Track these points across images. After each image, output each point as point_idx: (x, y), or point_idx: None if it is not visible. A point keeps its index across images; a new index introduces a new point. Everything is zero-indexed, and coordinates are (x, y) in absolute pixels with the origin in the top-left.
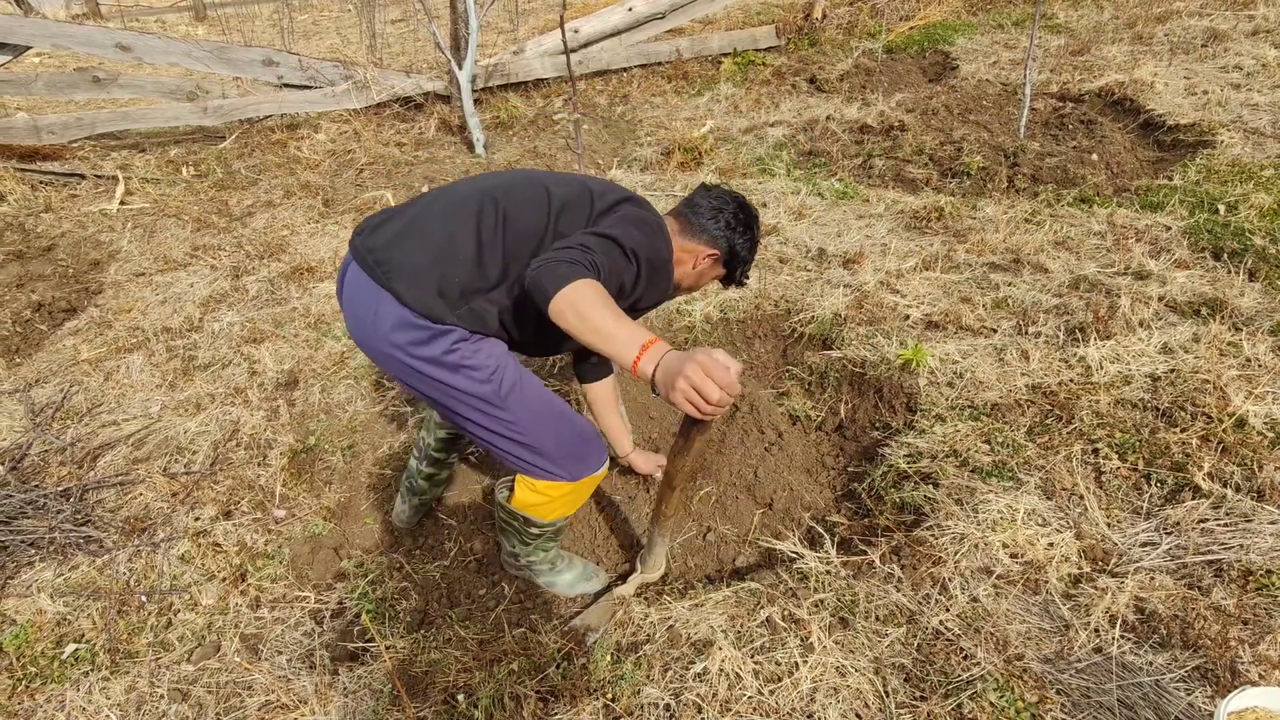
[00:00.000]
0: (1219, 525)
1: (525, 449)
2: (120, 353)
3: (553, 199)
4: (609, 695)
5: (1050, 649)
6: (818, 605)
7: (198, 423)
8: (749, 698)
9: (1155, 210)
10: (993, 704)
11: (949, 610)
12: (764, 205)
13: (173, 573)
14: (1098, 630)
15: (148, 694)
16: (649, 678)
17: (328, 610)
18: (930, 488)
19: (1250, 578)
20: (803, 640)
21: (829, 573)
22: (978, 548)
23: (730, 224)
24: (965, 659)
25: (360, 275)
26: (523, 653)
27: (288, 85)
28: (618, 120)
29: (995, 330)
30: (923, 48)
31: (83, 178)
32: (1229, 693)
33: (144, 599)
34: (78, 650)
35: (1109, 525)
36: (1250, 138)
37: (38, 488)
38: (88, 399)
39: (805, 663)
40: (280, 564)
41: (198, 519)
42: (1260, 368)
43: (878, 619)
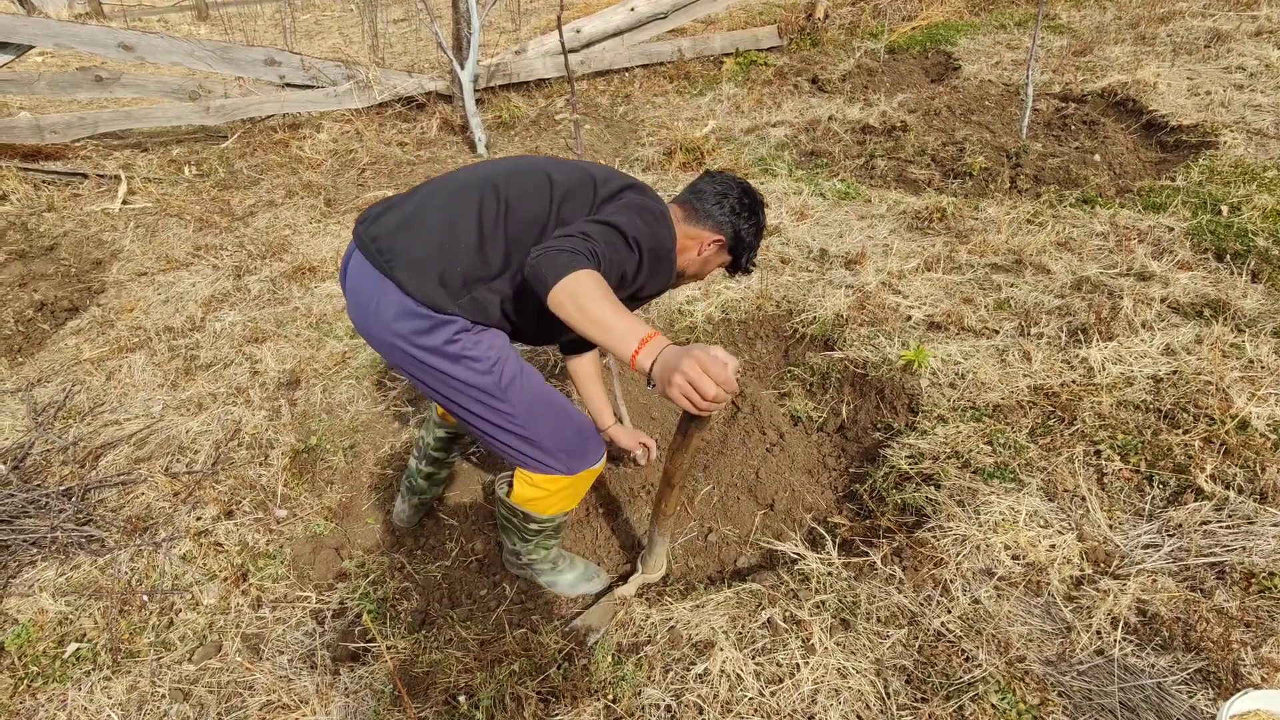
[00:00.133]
0: (1221, 527)
1: (523, 441)
2: (122, 352)
3: (555, 186)
4: (610, 696)
5: (1052, 651)
6: (819, 606)
7: (199, 422)
8: (750, 699)
9: (1158, 211)
10: (994, 706)
11: (950, 612)
12: (766, 205)
13: (174, 572)
14: (1100, 632)
15: (149, 693)
16: (650, 679)
17: (329, 610)
18: (932, 489)
19: (1253, 580)
20: (804, 641)
21: (830, 574)
22: (979, 549)
23: (735, 209)
24: (967, 661)
25: (363, 264)
26: (524, 653)
27: (290, 85)
28: (620, 120)
29: (997, 331)
30: (925, 48)
31: (85, 177)
32: (1231, 695)
33: (145, 598)
34: (79, 650)
35: (1111, 527)
36: (1253, 138)
37: (40, 487)
38: (90, 398)
39: (806, 664)
40: (281, 564)
41: (199, 519)
42: (1263, 369)
43: (879, 620)
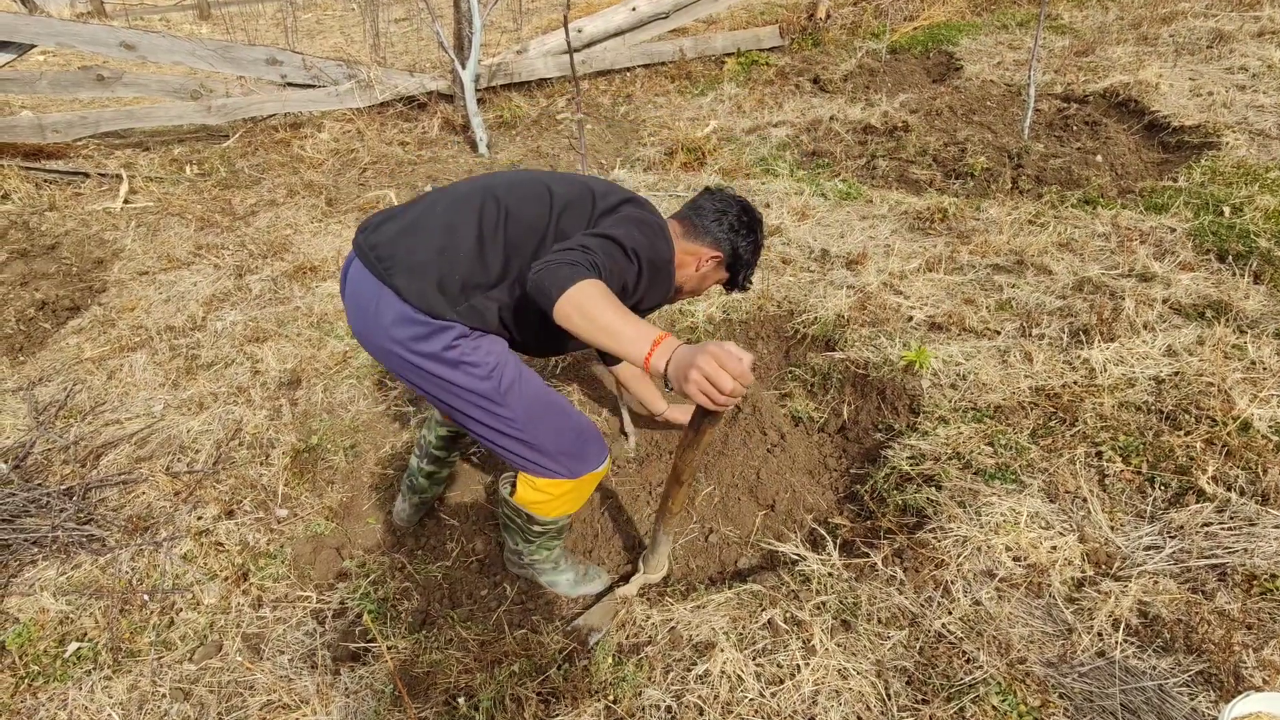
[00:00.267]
0: (1223, 529)
1: (525, 446)
2: (123, 351)
3: (555, 198)
4: (610, 697)
5: (1053, 652)
6: (820, 608)
7: (200, 422)
8: (750, 700)
9: (1160, 212)
10: (995, 708)
11: (951, 613)
12: (767, 206)
13: (175, 572)
14: (1101, 634)
15: (150, 693)
16: (650, 679)
17: (329, 610)
18: (933, 490)
19: (1254, 582)
20: (805, 642)
21: (831, 575)
22: (980, 550)
23: (734, 226)
24: (968, 662)
25: (362, 271)
26: (524, 654)
27: (291, 84)
28: (621, 120)
29: (999, 332)
30: (926, 48)
31: (87, 176)
32: (1233, 698)
33: (146, 598)
34: (80, 649)
35: (1112, 528)
36: (1256, 139)
37: (41, 486)
38: (91, 397)
39: (807, 665)
40: (282, 563)
41: (200, 518)
42: (1265, 370)
43: (880, 621)
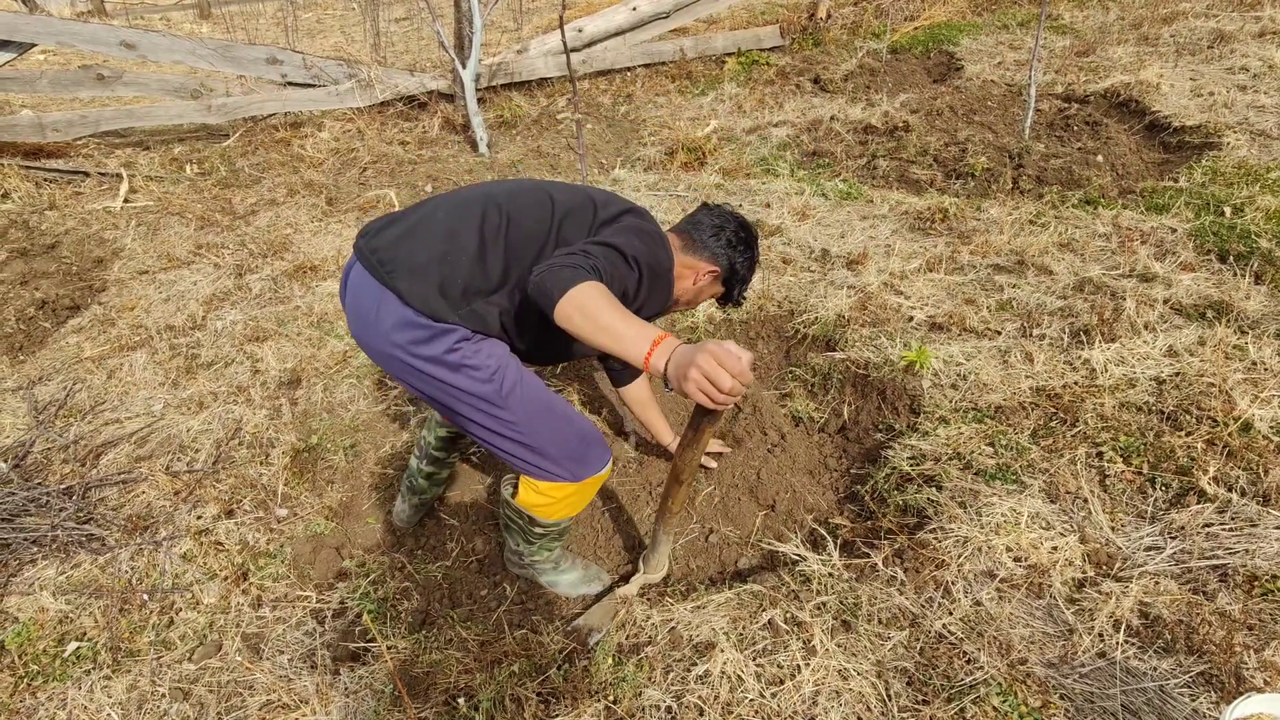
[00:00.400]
0: (1224, 529)
1: (527, 450)
2: (123, 350)
3: (556, 205)
4: (610, 697)
5: (1054, 653)
6: (820, 608)
7: (200, 421)
8: (751, 700)
9: (1161, 212)
10: (995, 709)
11: (952, 614)
12: (767, 206)
13: (174, 571)
14: (1102, 635)
15: (149, 693)
16: (651, 679)
17: (329, 610)
18: (933, 490)
19: (1256, 583)
20: (805, 643)
21: (831, 575)
22: (981, 551)
23: (731, 242)
24: (968, 663)
25: (363, 275)
26: (524, 654)
27: (292, 83)
28: (621, 120)
29: (999, 332)
30: (927, 48)
31: (87, 175)
32: (1234, 699)
33: (146, 597)
34: (79, 648)
35: (1113, 529)
36: (1257, 139)
37: (40, 485)
38: (90, 397)
39: (807, 665)
40: (282, 563)
41: (200, 517)
42: (1266, 371)
43: (880, 622)
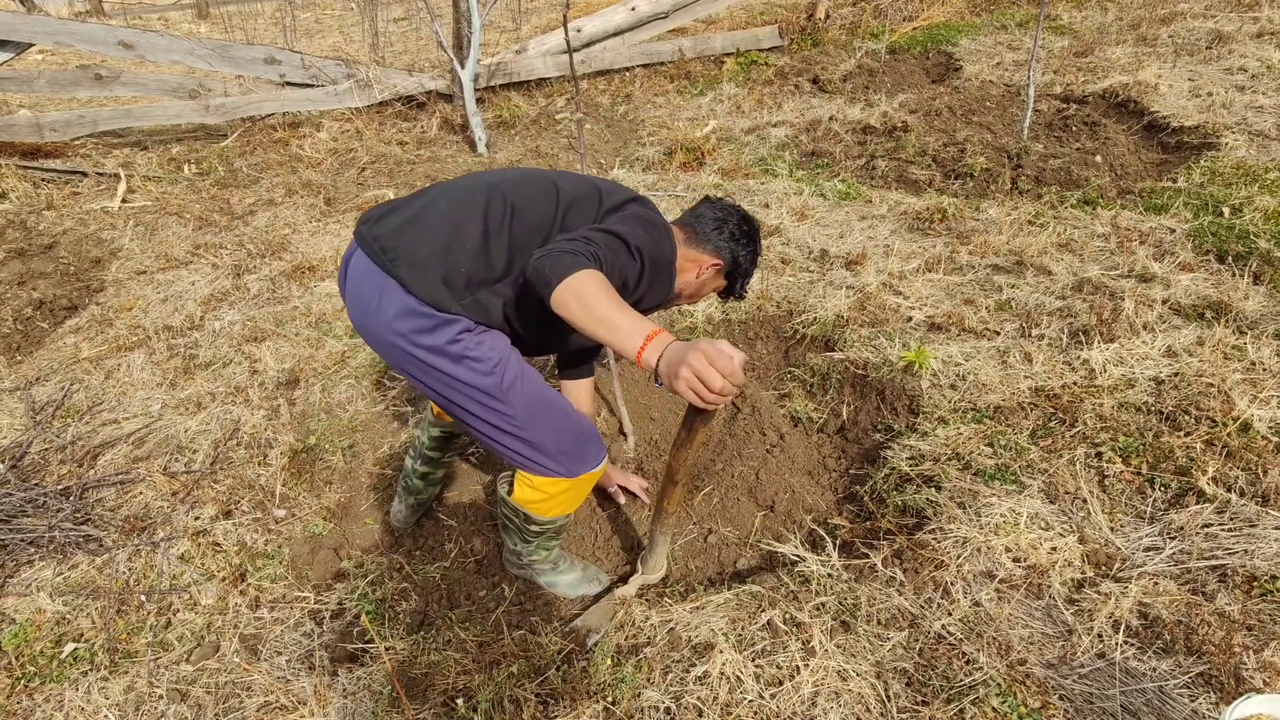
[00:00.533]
0: (1223, 530)
1: (523, 444)
2: (121, 351)
3: (561, 195)
4: (609, 698)
5: (1053, 654)
6: (819, 609)
7: (198, 421)
8: (750, 701)
9: (1159, 212)
10: (995, 709)
11: (951, 614)
12: (766, 206)
13: (172, 572)
14: (1101, 635)
15: (146, 694)
16: (649, 680)
17: (327, 611)
18: (932, 490)
19: (1255, 583)
20: (804, 644)
21: (830, 576)
22: (980, 551)
23: (734, 235)
24: (967, 664)
25: (365, 261)
26: (522, 655)
27: (290, 83)
28: (620, 120)
29: (998, 332)
30: (926, 48)
31: (84, 175)
32: (1233, 700)
33: (143, 598)
34: (77, 650)
35: (1112, 529)
36: (1255, 140)
37: (38, 486)
38: (88, 397)
39: (806, 666)
40: (280, 564)
41: (197, 518)
42: (1265, 371)
43: (879, 623)
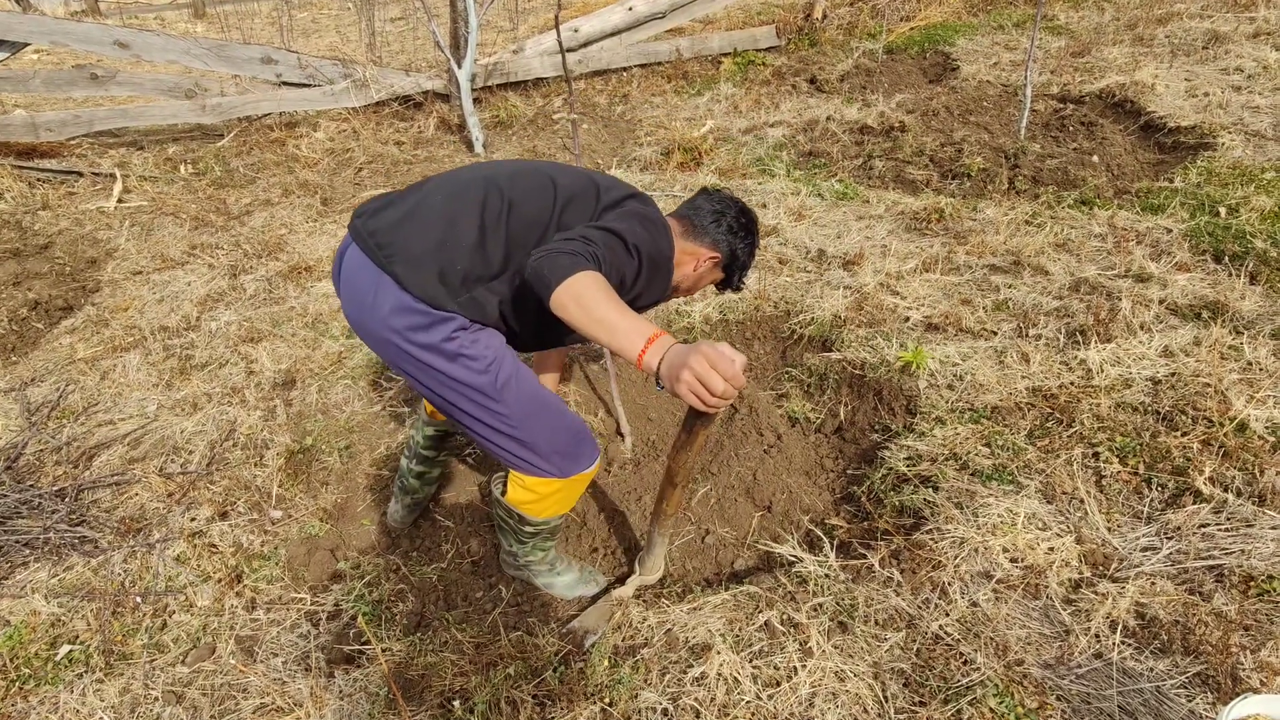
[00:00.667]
0: (1220, 530)
1: (517, 444)
2: (117, 351)
3: (559, 190)
4: (606, 699)
5: (1050, 654)
6: (816, 609)
7: (194, 422)
8: (747, 702)
9: (1156, 213)
10: (992, 710)
11: (948, 615)
12: (764, 206)
13: (168, 574)
14: (1098, 636)
15: (142, 696)
16: (647, 682)
17: (324, 612)
18: (930, 491)
19: (1252, 583)
20: (801, 644)
21: (828, 576)
22: (977, 552)
23: (732, 228)
24: (965, 664)
25: (360, 257)
26: (519, 656)
27: (286, 83)
28: (617, 120)
29: (995, 333)
30: (923, 48)
31: (80, 175)
32: (1231, 700)
33: (139, 600)
34: (72, 652)
35: (1110, 529)
36: (1251, 140)
37: (33, 487)
38: (84, 398)
39: (804, 667)
40: (276, 565)
41: (193, 519)
42: (1261, 371)
43: (877, 623)
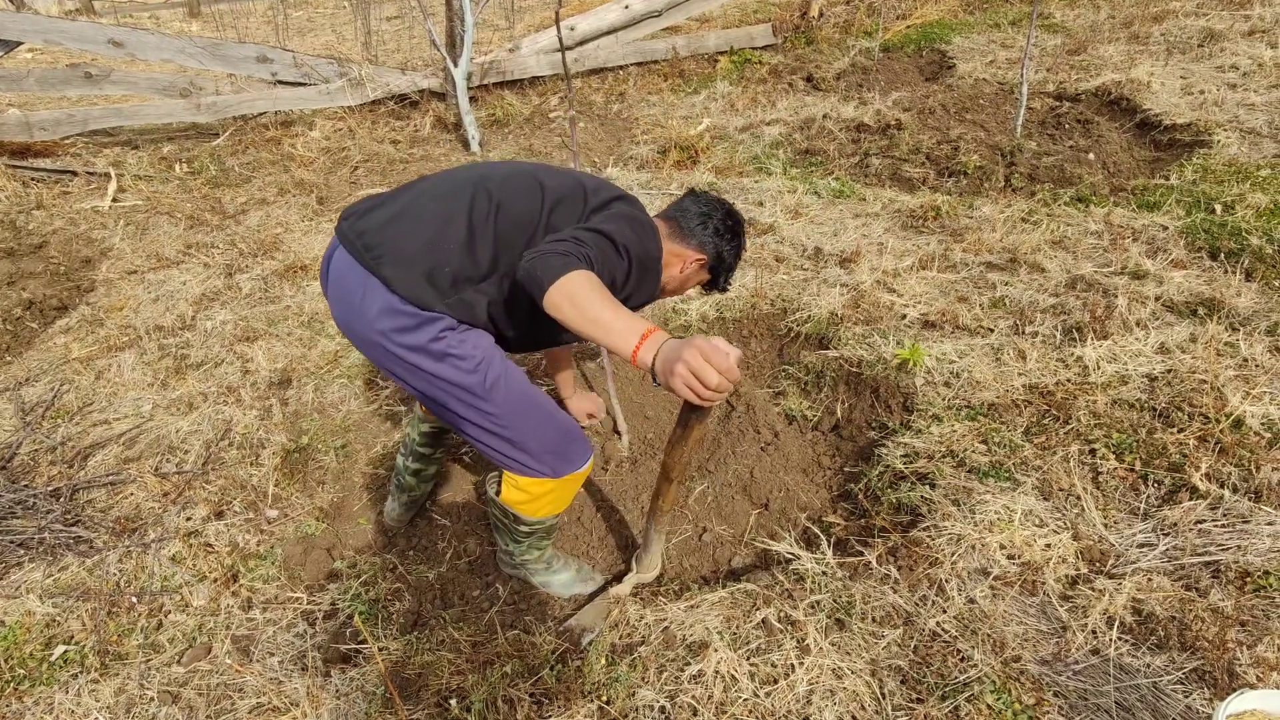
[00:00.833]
0: (1216, 526)
1: (508, 444)
2: (112, 351)
3: (546, 192)
4: (604, 698)
5: (1047, 651)
6: (814, 607)
7: (190, 422)
8: (745, 700)
9: (1152, 210)
10: (990, 706)
11: (946, 612)
12: (760, 204)
13: (163, 574)
14: (1095, 632)
15: (137, 696)
16: (644, 680)
17: (320, 611)
18: (927, 488)
19: (1248, 579)
20: (799, 642)
21: (825, 574)
22: (975, 549)
23: (719, 230)
24: (962, 661)
25: (347, 259)
26: (516, 655)
27: (282, 82)
28: (614, 118)
29: (992, 330)
30: (919, 46)
31: (75, 174)
32: (1227, 695)
33: (134, 600)
34: (67, 652)
35: (1106, 526)
36: (1246, 137)
37: (27, 487)
38: (78, 398)
39: (801, 665)
40: (272, 565)
41: (189, 519)
42: (1257, 368)
43: (874, 620)
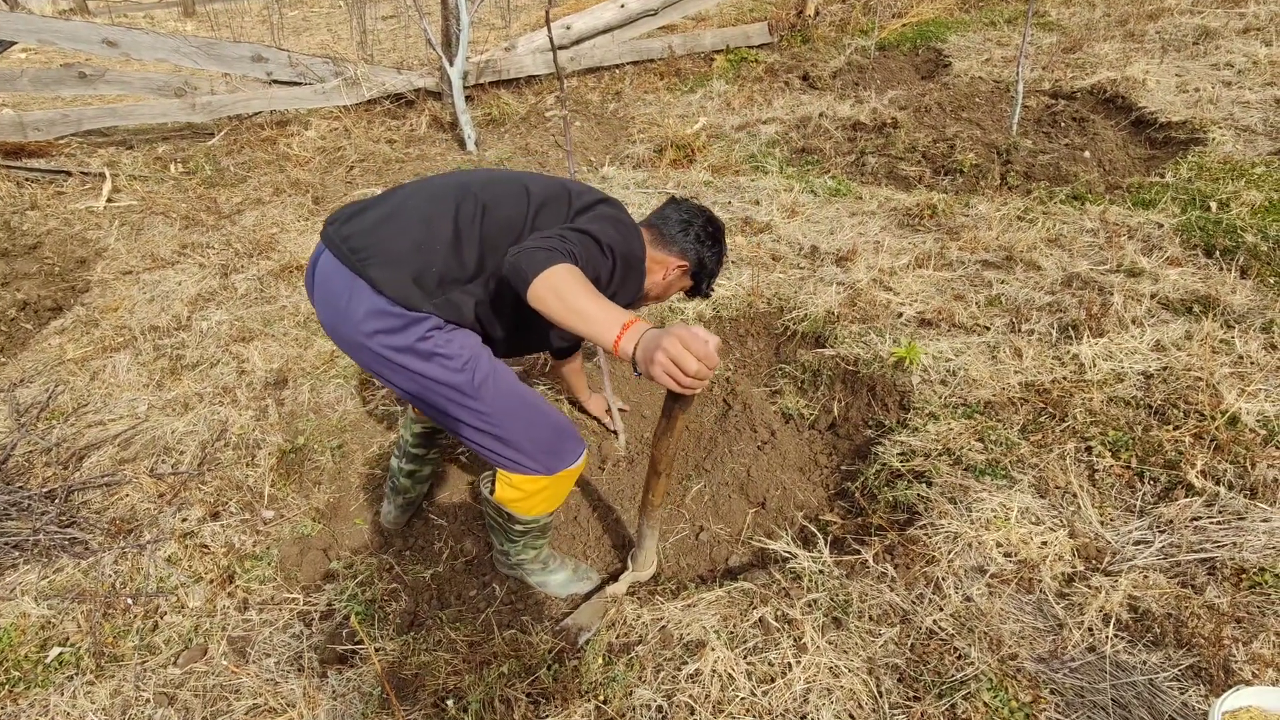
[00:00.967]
0: (1212, 523)
1: (499, 442)
2: (107, 352)
3: (531, 195)
4: (601, 697)
5: (1044, 648)
6: (811, 605)
7: (185, 422)
8: (742, 699)
9: (1147, 208)
10: (986, 704)
11: (943, 610)
12: (756, 203)
13: (159, 575)
14: (1091, 629)
15: (133, 698)
16: (641, 679)
17: (316, 612)
18: (923, 486)
19: (1243, 576)
20: (796, 640)
21: (822, 572)
22: (971, 546)
23: (700, 237)
24: (959, 659)
25: (333, 263)
26: (513, 654)
27: (277, 81)
28: (610, 117)
29: (988, 328)
30: (915, 45)
31: (69, 175)
32: (1223, 692)
33: (130, 601)
34: (62, 654)
35: (1102, 523)
36: (1241, 135)
37: (22, 489)
38: (73, 399)
39: (798, 663)
40: (268, 565)
41: (185, 520)
42: (1252, 365)
43: (871, 619)
